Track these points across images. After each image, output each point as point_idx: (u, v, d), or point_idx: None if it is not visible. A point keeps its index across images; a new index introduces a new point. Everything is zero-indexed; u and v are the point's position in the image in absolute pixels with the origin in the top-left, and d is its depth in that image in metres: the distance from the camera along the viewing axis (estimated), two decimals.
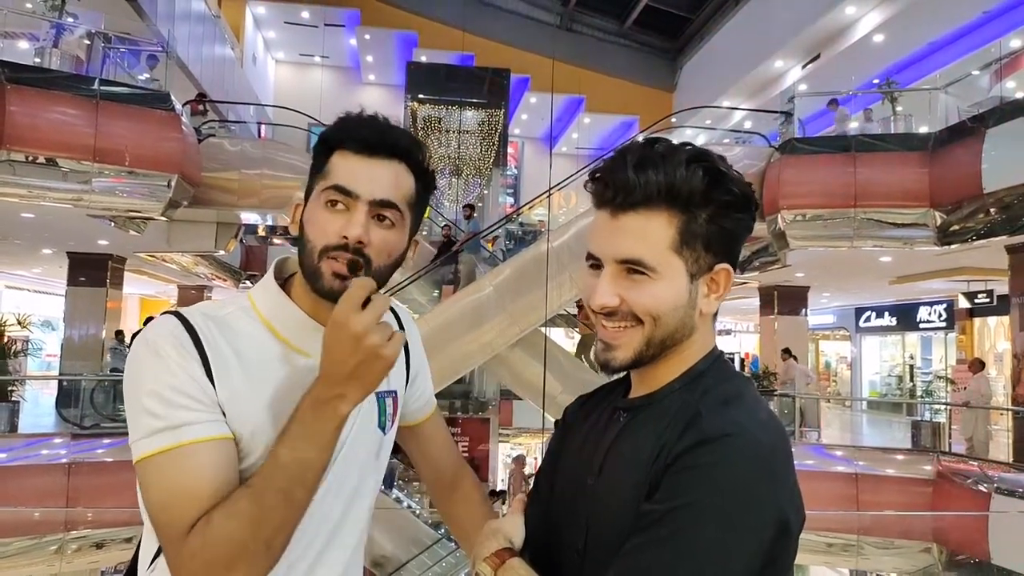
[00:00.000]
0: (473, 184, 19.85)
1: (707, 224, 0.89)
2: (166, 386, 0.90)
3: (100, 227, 9.72)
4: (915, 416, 12.09)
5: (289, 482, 0.89)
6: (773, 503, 0.81)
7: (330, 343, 0.89)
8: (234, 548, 0.86)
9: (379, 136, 1.00)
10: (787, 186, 9.56)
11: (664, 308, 0.89)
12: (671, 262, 0.89)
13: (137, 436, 0.90)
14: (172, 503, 0.88)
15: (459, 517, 1.22)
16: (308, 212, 1.01)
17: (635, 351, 0.91)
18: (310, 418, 0.90)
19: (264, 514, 0.87)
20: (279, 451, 0.90)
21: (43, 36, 9.07)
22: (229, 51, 17.88)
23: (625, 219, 0.90)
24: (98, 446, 8.88)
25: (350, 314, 0.88)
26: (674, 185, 0.87)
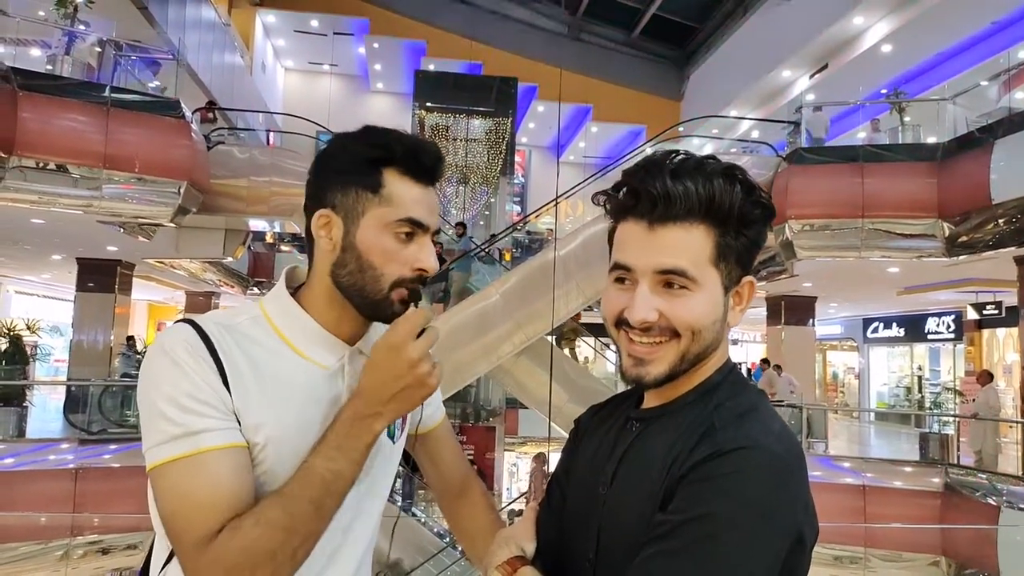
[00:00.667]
0: (480, 192, 19.90)
1: (738, 237, 0.90)
2: (183, 393, 0.91)
3: (109, 233, 9.78)
4: (923, 428, 11.99)
5: (321, 493, 0.91)
6: (788, 516, 0.81)
7: (382, 364, 0.94)
8: (261, 556, 0.87)
9: (434, 164, 1.02)
10: (795, 196, 9.54)
11: (704, 322, 0.89)
12: (710, 275, 0.89)
13: (153, 442, 0.90)
14: (188, 510, 0.88)
15: (467, 525, 1.22)
16: (368, 238, 1.00)
17: (670, 365, 0.90)
18: (347, 432, 0.94)
19: (295, 523, 0.89)
20: (314, 462, 0.92)
21: (55, 44, 9.16)
22: (239, 59, 18.01)
23: (665, 231, 0.88)
24: (105, 451, 8.89)
25: (408, 340, 0.93)
26: (714, 197, 0.87)
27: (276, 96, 22.84)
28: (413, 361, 0.92)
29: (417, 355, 0.93)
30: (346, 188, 1.00)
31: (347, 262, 1.00)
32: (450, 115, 19.92)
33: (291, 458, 0.96)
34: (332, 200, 1.01)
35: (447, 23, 21.90)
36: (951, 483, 9.08)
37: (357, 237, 1.00)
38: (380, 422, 0.95)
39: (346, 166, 1.01)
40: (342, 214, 1.00)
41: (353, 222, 1.00)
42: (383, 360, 0.93)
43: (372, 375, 0.94)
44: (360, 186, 0.99)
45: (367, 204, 0.99)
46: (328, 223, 1.01)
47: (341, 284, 1.02)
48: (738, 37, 19.54)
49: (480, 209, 19.99)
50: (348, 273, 1.01)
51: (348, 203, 1.00)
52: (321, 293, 1.04)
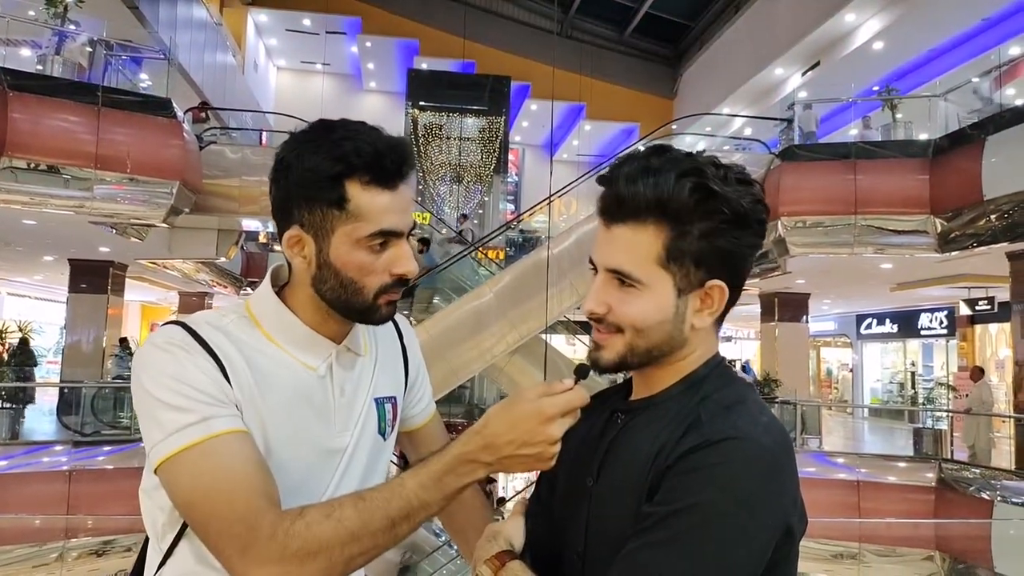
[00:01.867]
0: (474, 191, 19.89)
1: (699, 240, 0.87)
2: (186, 384, 0.90)
3: (101, 234, 9.73)
4: (917, 423, 12.05)
5: (401, 515, 0.89)
6: (776, 507, 0.81)
7: (521, 425, 0.87)
8: (321, 547, 0.85)
9: (399, 166, 0.97)
10: (787, 193, 9.57)
11: (647, 321, 0.90)
12: (658, 276, 0.88)
13: (164, 434, 0.88)
14: (226, 487, 0.86)
15: (458, 522, 1.22)
16: (341, 255, 0.97)
17: (618, 355, 0.92)
18: (452, 468, 0.90)
19: (363, 532, 0.87)
20: (409, 483, 0.90)
21: (45, 44, 9.11)
22: (230, 58, 17.95)
23: (616, 230, 0.90)
24: (99, 453, 8.87)
25: (557, 417, 0.88)
26: (662, 199, 0.87)
27: (268, 95, 22.77)
28: (553, 439, 0.88)
29: (559, 434, 0.88)
30: (311, 205, 0.96)
31: (326, 278, 0.99)
32: (443, 114, 19.89)
33: (284, 456, 0.96)
34: (299, 217, 0.97)
35: (440, 22, 21.86)
36: (945, 478, 9.13)
37: (331, 255, 0.97)
38: (484, 471, 0.91)
39: (307, 182, 0.95)
40: (311, 232, 0.97)
41: (324, 239, 0.97)
42: (523, 420, 0.87)
43: (504, 429, 0.88)
44: (324, 203, 0.95)
45: (335, 221, 0.96)
46: (299, 241, 0.98)
47: (324, 296, 1.00)
48: (730, 35, 19.57)
49: (474, 208, 19.97)
50: (330, 288, 0.99)
51: (315, 221, 0.96)
52: (305, 299, 1.02)
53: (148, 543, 1.03)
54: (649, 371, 0.95)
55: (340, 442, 1.04)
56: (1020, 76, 10.55)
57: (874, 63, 14.58)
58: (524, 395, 0.90)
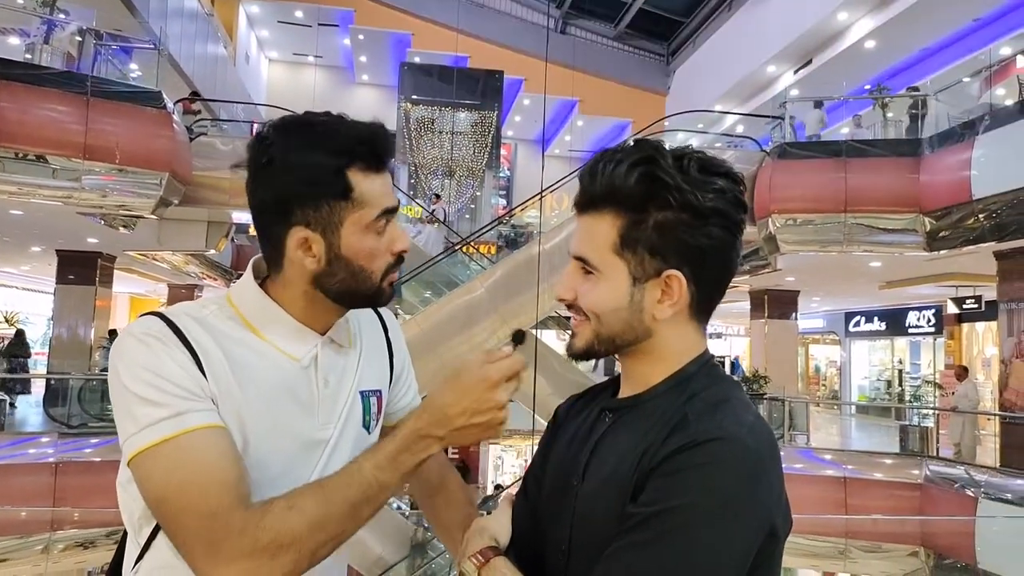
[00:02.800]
0: (466, 185, 19.86)
1: (653, 230, 0.88)
2: (162, 377, 0.89)
3: (90, 225, 9.67)
4: (903, 420, 12.14)
5: (362, 498, 0.90)
6: (760, 507, 0.81)
7: (468, 394, 0.92)
8: (288, 540, 0.85)
9: (388, 146, 1.00)
10: (778, 190, 9.60)
11: (604, 308, 0.92)
12: (613, 263, 0.90)
13: (137, 428, 0.88)
14: (198, 482, 0.85)
15: (444, 519, 1.21)
16: (353, 245, 0.97)
17: (587, 342, 0.94)
18: (406, 446, 0.93)
19: (327, 519, 0.87)
20: (364, 466, 0.91)
21: (34, 32, 9.03)
22: (222, 49, 17.83)
23: (582, 220, 0.94)
24: (85, 445, 8.83)
25: (502, 382, 0.92)
26: (613, 188, 0.89)
27: (260, 87, 22.64)
28: (500, 403, 0.92)
29: (505, 399, 0.92)
30: (317, 202, 0.95)
31: (336, 272, 0.99)
32: (436, 108, 19.85)
33: (264, 448, 0.95)
34: (304, 217, 0.96)
35: (433, 14, 21.80)
36: (931, 475, 9.20)
37: (342, 248, 0.97)
38: (437, 445, 0.93)
39: (311, 179, 0.95)
40: (319, 229, 0.97)
41: (334, 234, 0.97)
42: (470, 389, 0.92)
43: (450, 398, 0.92)
44: (331, 196, 0.95)
45: (343, 212, 0.96)
46: (306, 243, 0.97)
47: (330, 291, 1.00)
48: (723, 32, 19.61)
49: (466, 202, 19.95)
50: (339, 281, 0.99)
51: (323, 216, 0.96)
52: (295, 295, 1.02)
53: (126, 536, 1.03)
54: (633, 367, 0.96)
55: (323, 434, 1.03)
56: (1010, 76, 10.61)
57: (866, 62, 14.65)
58: (467, 366, 0.94)
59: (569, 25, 23.50)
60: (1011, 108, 8.53)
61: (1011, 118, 8.21)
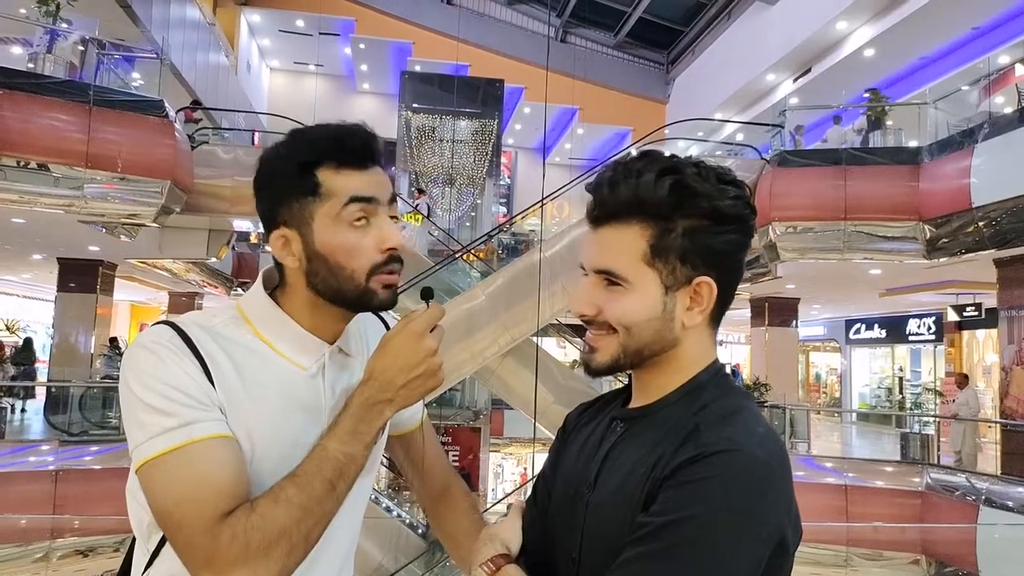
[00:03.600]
0: (466, 194, 19.88)
1: (682, 237, 0.89)
2: (171, 386, 0.91)
3: (91, 233, 9.69)
4: (904, 428, 12.13)
5: (335, 475, 0.93)
6: (771, 519, 0.81)
7: (399, 351, 0.96)
8: (277, 534, 0.87)
9: (364, 145, 1.01)
10: (778, 198, 9.62)
11: (636, 319, 0.91)
12: (643, 273, 0.90)
13: (144, 436, 0.89)
14: (195, 496, 0.87)
15: (448, 526, 1.22)
16: (326, 239, 0.99)
17: (612, 356, 0.93)
18: (360, 416, 0.96)
19: (310, 503, 0.90)
20: (328, 444, 0.94)
21: (37, 42, 9.06)
22: (223, 58, 17.90)
23: (602, 231, 0.93)
24: (86, 453, 8.81)
25: (426, 330, 0.97)
26: (641, 197, 0.89)
27: (261, 96, 22.71)
28: (430, 350, 0.96)
29: (434, 346, 0.96)
30: (288, 202, 1.00)
31: (317, 270, 1.00)
32: (436, 116, 19.86)
33: (274, 457, 0.96)
34: (281, 217, 1.00)
35: (434, 23, 21.87)
36: (932, 483, 9.18)
37: (316, 243, 0.99)
38: (391, 408, 0.97)
39: (280, 180, 1.00)
40: (295, 227, 1.00)
41: (307, 230, 0.99)
42: (400, 347, 0.96)
43: (387, 361, 0.96)
44: (299, 194, 0.99)
45: (312, 208, 0.99)
46: (286, 241, 1.01)
47: (319, 291, 1.02)
48: (723, 41, 19.67)
49: (466, 210, 19.96)
50: (321, 280, 1.00)
51: (295, 214, 1.00)
52: (301, 302, 1.04)
53: (135, 543, 1.03)
54: (647, 377, 0.96)
55: None
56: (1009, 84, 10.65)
57: (865, 70, 14.69)
58: (390, 333, 0.98)
59: (569, 34, 23.58)
60: (1010, 116, 8.56)
61: (1010, 126, 8.23)
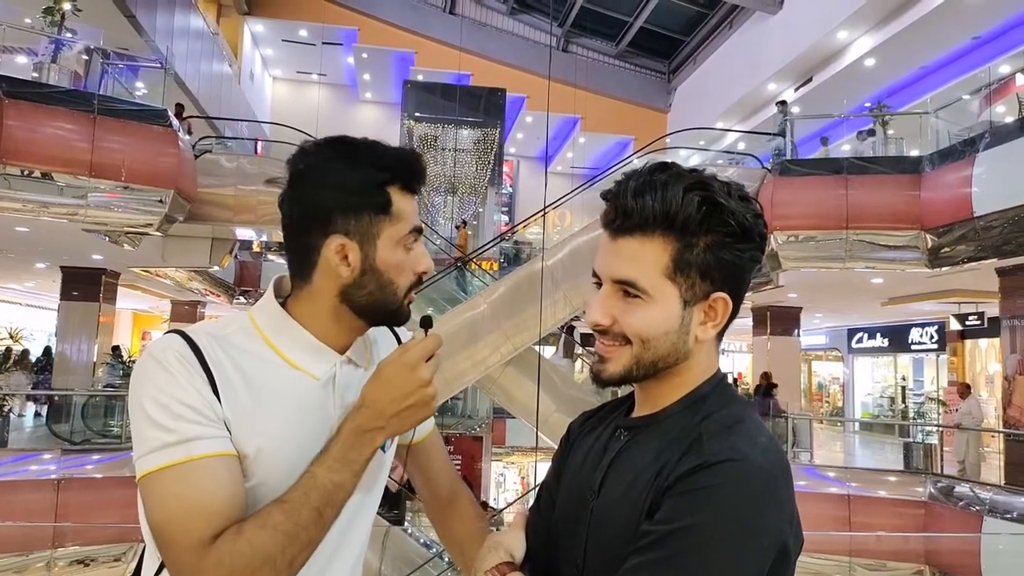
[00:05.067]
0: (468, 202, 19.92)
1: (704, 253, 0.89)
2: (175, 400, 0.91)
3: (94, 242, 9.71)
4: (907, 437, 12.09)
5: (323, 501, 0.93)
6: (773, 528, 0.82)
7: (392, 381, 0.97)
8: (262, 560, 0.88)
9: (424, 171, 1.06)
10: (780, 207, 9.63)
11: (654, 332, 0.91)
12: (664, 287, 0.90)
13: (145, 450, 0.90)
14: (184, 516, 0.88)
15: (455, 534, 1.23)
16: (387, 257, 1.03)
17: (624, 367, 0.93)
18: (350, 444, 0.97)
19: (297, 530, 0.90)
20: (317, 471, 0.95)
21: (41, 51, 9.12)
22: (227, 67, 17.98)
23: (623, 242, 0.92)
24: (88, 462, 8.81)
25: (421, 361, 0.98)
26: (669, 212, 0.88)
27: (264, 105, 22.79)
28: (424, 381, 0.97)
29: (428, 375, 0.97)
30: (358, 213, 1.01)
31: (366, 284, 1.02)
32: (439, 125, 19.92)
33: (283, 468, 0.97)
34: (344, 226, 1.00)
35: (436, 33, 21.98)
36: (935, 492, 9.16)
37: (377, 258, 1.02)
38: (381, 436, 0.98)
39: (355, 190, 1.01)
40: (357, 239, 1.01)
41: (370, 245, 1.02)
42: (394, 377, 0.97)
43: (379, 390, 0.97)
44: (371, 209, 1.01)
45: (380, 225, 1.02)
46: (343, 249, 1.01)
47: (357, 303, 1.03)
48: (724, 50, 19.73)
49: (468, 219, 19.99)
50: (367, 293, 1.03)
51: (362, 227, 1.01)
52: (324, 310, 1.04)
53: (146, 550, 1.04)
54: (652, 387, 0.96)
55: None
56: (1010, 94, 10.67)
57: (866, 80, 14.73)
58: (385, 361, 0.99)
59: (571, 43, 23.67)
60: (1011, 125, 8.57)
61: (1011, 135, 8.24)
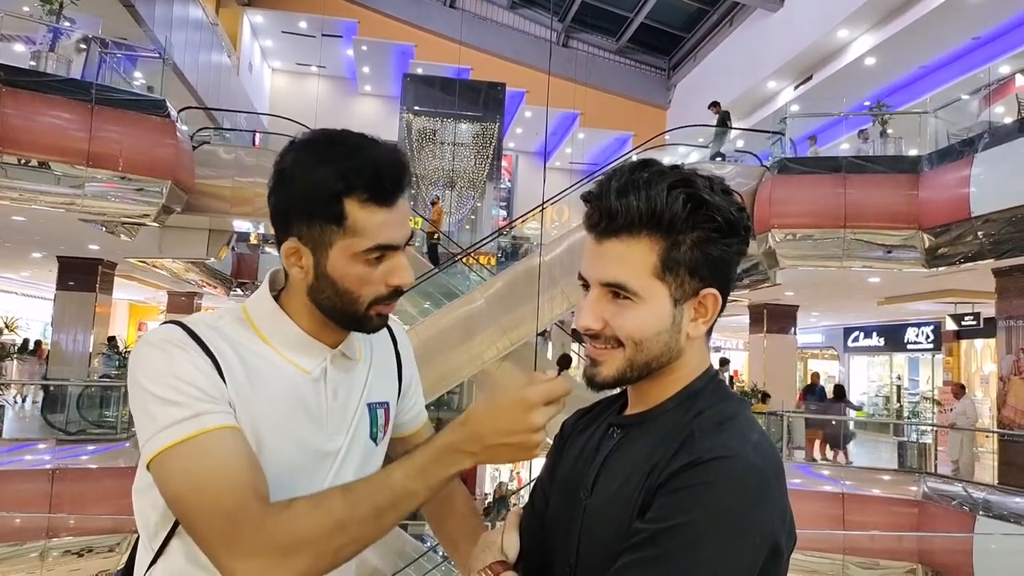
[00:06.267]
0: (467, 197, 19.91)
1: (691, 250, 0.88)
2: (181, 380, 0.91)
3: (91, 232, 9.69)
4: (902, 437, 12.12)
5: (387, 504, 0.91)
6: (765, 526, 0.81)
7: (504, 414, 0.90)
8: (307, 538, 0.86)
9: (396, 184, 0.99)
10: (778, 205, 9.63)
11: (646, 333, 0.90)
12: (654, 287, 0.89)
13: (156, 428, 0.89)
14: (214, 484, 0.87)
15: (449, 530, 1.22)
16: (339, 268, 0.98)
17: (617, 370, 0.92)
18: (437, 458, 0.92)
19: (350, 522, 0.88)
20: (395, 473, 0.92)
21: (40, 40, 9.07)
22: (226, 59, 17.92)
23: (608, 244, 0.90)
24: (83, 452, 8.80)
25: (540, 404, 0.89)
26: (655, 211, 0.87)
27: (263, 97, 22.72)
28: (535, 427, 0.90)
29: (541, 422, 0.90)
30: (310, 220, 0.97)
31: (323, 288, 1.00)
32: (438, 119, 19.91)
33: (274, 461, 0.97)
34: (298, 230, 0.98)
35: (436, 27, 21.92)
36: (929, 492, 9.18)
37: (328, 268, 0.99)
38: (469, 461, 0.92)
39: (307, 196, 0.96)
40: (310, 245, 0.99)
41: (322, 253, 0.98)
42: (507, 409, 0.90)
43: (487, 418, 0.90)
44: (323, 218, 0.96)
45: (333, 236, 0.97)
46: (297, 252, 1.00)
47: (320, 305, 1.02)
48: (724, 47, 19.70)
49: (466, 214, 19.99)
50: (326, 298, 1.01)
51: (314, 235, 0.98)
52: (301, 306, 1.04)
53: (139, 542, 1.04)
54: (645, 385, 0.95)
55: (332, 445, 1.05)
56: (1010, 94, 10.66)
57: (866, 78, 14.73)
58: (509, 385, 0.92)
59: (571, 39, 23.63)
60: (1010, 126, 8.57)
61: (1010, 136, 8.24)
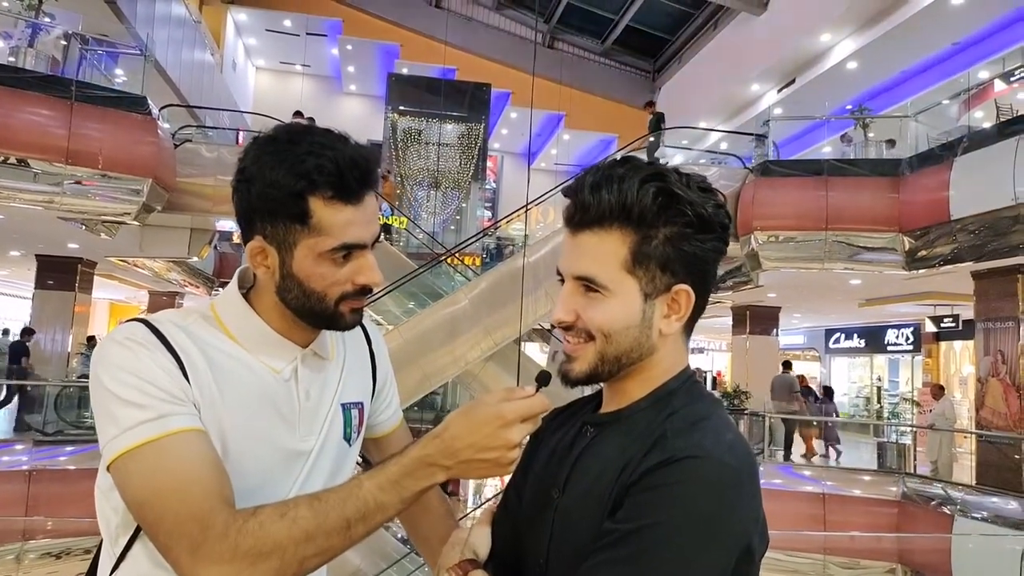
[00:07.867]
0: (451, 197, 19.86)
1: (663, 245, 0.88)
2: (144, 380, 0.89)
3: (71, 230, 9.57)
4: (882, 437, 12.23)
5: (357, 516, 0.88)
6: (737, 526, 0.81)
7: (480, 428, 0.88)
8: (270, 547, 0.84)
9: (362, 181, 0.97)
10: (761, 207, 9.70)
11: (615, 326, 0.90)
12: (623, 281, 0.89)
13: (119, 430, 0.87)
14: (178, 488, 0.85)
15: (424, 531, 1.21)
16: (304, 268, 0.97)
17: (590, 364, 0.92)
18: (410, 471, 0.90)
19: (317, 532, 0.86)
20: (366, 484, 0.90)
21: (18, 35, 8.95)
22: (209, 56, 17.76)
23: (581, 237, 0.91)
24: (60, 454, 8.69)
25: (517, 421, 0.88)
26: (625, 204, 0.87)
27: (247, 95, 22.54)
28: (511, 444, 0.88)
29: (517, 439, 0.88)
30: (274, 219, 0.96)
31: (290, 288, 0.99)
32: (423, 119, 19.83)
33: (243, 463, 0.95)
34: (262, 229, 0.97)
35: (421, 26, 21.85)
36: (908, 492, 9.27)
37: (294, 267, 0.97)
38: (443, 475, 0.91)
39: (270, 195, 0.95)
40: (275, 244, 0.97)
41: (287, 252, 0.97)
42: (483, 423, 0.88)
43: (463, 433, 0.88)
44: (286, 218, 0.95)
45: (297, 235, 0.96)
46: (262, 252, 0.98)
47: (289, 304, 1.00)
48: (708, 50, 19.81)
49: (451, 214, 19.95)
50: (294, 297, 0.99)
51: (279, 234, 0.96)
52: (271, 304, 1.02)
53: (102, 546, 1.02)
54: (619, 383, 0.95)
55: (304, 446, 1.03)
56: (988, 99, 10.80)
57: (848, 82, 14.86)
58: (484, 400, 0.90)
59: (556, 40, 23.64)
60: (989, 131, 8.68)
61: (989, 140, 8.34)
